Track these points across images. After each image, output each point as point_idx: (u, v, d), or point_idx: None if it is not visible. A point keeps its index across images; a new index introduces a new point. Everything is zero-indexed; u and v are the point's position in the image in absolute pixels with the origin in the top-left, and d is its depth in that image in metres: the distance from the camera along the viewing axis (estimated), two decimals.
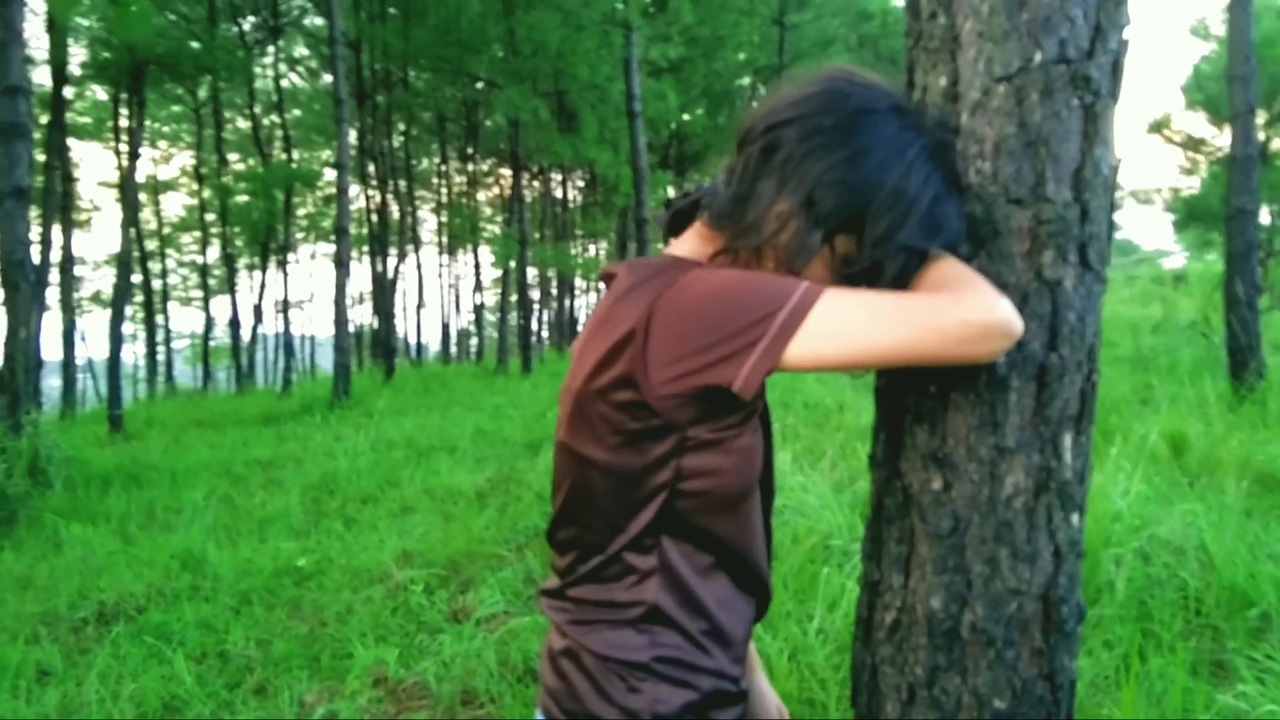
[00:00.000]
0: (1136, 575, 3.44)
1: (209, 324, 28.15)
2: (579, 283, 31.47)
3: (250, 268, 31.46)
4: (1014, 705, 1.10)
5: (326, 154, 28.74)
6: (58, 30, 12.16)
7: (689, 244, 1.16)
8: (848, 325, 0.94)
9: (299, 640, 3.87)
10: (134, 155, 13.38)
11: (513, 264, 17.81)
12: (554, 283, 28.98)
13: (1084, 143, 1.05)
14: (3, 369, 7.00)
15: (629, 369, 1.00)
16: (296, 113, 27.29)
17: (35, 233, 14.45)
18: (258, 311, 26.10)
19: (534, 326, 25.92)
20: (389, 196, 21.66)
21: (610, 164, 14.75)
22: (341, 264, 12.04)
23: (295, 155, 26.34)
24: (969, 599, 1.10)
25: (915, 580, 1.13)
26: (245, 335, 26.13)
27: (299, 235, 34.48)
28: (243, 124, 26.84)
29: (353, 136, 20.10)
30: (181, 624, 4.01)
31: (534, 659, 3.40)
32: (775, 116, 1.05)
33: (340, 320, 12.06)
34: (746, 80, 22.93)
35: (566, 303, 30.44)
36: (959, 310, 0.93)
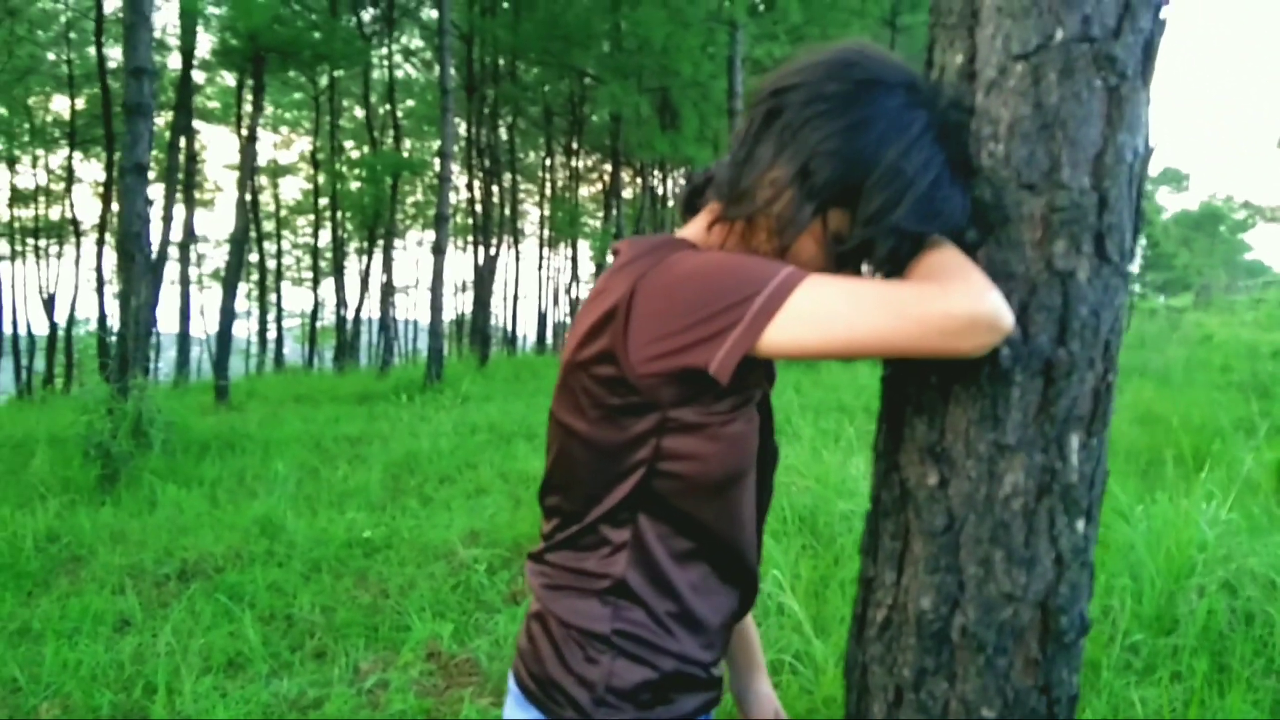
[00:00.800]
0: (1218, 607, 3.25)
1: (317, 304, 29.21)
2: None
3: (359, 252, 32.47)
4: (1005, 716, 1.04)
5: (436, 144, 29.43)
6: (187, 16, 12.77)
7: (698, 223, 1.14)
8: (827, 311, 0.91)
9: (361, 609, 3.98)
10: (251, 139, 13.95)
11: (609, 259, 17.89)
12: None
13: (1106, 127, 0.99)
14: (116, 335, 7.39)
15: (610, 345, 0.99)
16: (410, 103, 28.04)
17: (158, 210, 15.22)
18: (362, 294, 26.92)
19: None
20: (494, 188, 22.05)
21: (710, 162, 14.64)
22: (439, 251, 12.33)
23: (407, 144, 27.10)
24: (961, 601, 1.05)
25: (908, 578, 1.09)
26: (350, 317, 26.99)
27: (406, 222, 35.43)
28: (359, 113, 27.71)
29: (461, 128, 20.58)
30: (254, 586, 4.17)
31: None
32: (782, 82, 1.02)
33: (435, 305, 12.35)
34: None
35: None
36: (944, 301, 0.89)
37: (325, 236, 29.92)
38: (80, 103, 23.02)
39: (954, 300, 0.88)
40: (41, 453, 7.35)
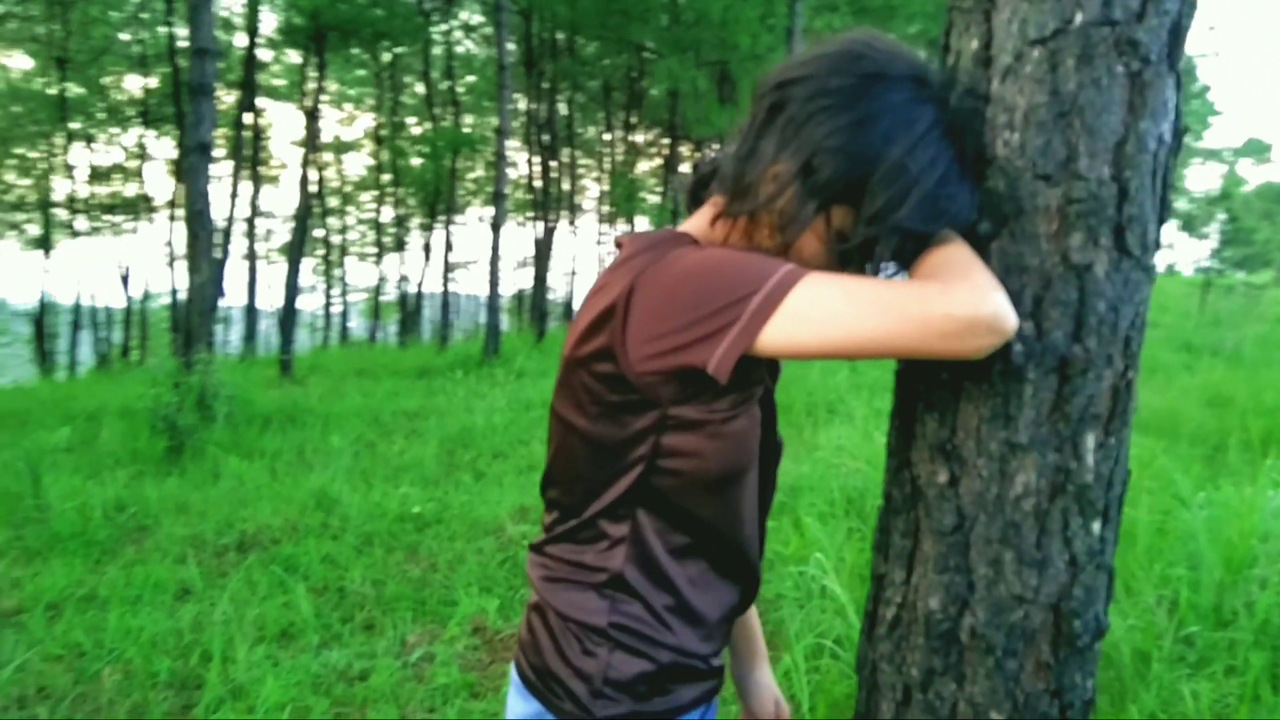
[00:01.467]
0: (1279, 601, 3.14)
1: (381, 279, 29.68)
2: None
3: (422, 227, 32.90)
4: (1014, 719, 1.02)
5: (496, 120, 29.59)
6: None
7: (701, 216, 1.12)
8: (826, 311, 0.89)
9: (410, 583, 4.06)
10: (313, 116, 14.16)
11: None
12: None
13: (1128, 115, 0.95)
14: (181, 311, 7.60)
15: (609, 342, 0.98)
16: (470, 79, 28.17)
17: (226, 186, 15.54)
18: (425, 269, 27.29)
19: None
20: (552, 163, 22.10)
21: None
22: (496, 227, 12.42)
23: (468, 120, 27.27)
24: (970, 602, 1.03)
25: (917, 577, 1.07)
26: (412, 291, 27.39)
27: (466, 198, 35.74)
28: (420, 89, 27.95)
29: (521, 103, 20.62)
30: (308, 558, 4.27)
31: None
32: (786, 74, 1.00)
33: (493, 281, 12.45)
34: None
35: None
36: (944, 302, 0.86)
37: (389, 212, 30.35)
38: (153, 81, 23.59)
39: (955, 301, 0.86)
40: (112, 424, 7.63)
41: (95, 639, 3.45)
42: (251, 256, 18.03)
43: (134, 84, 24.70)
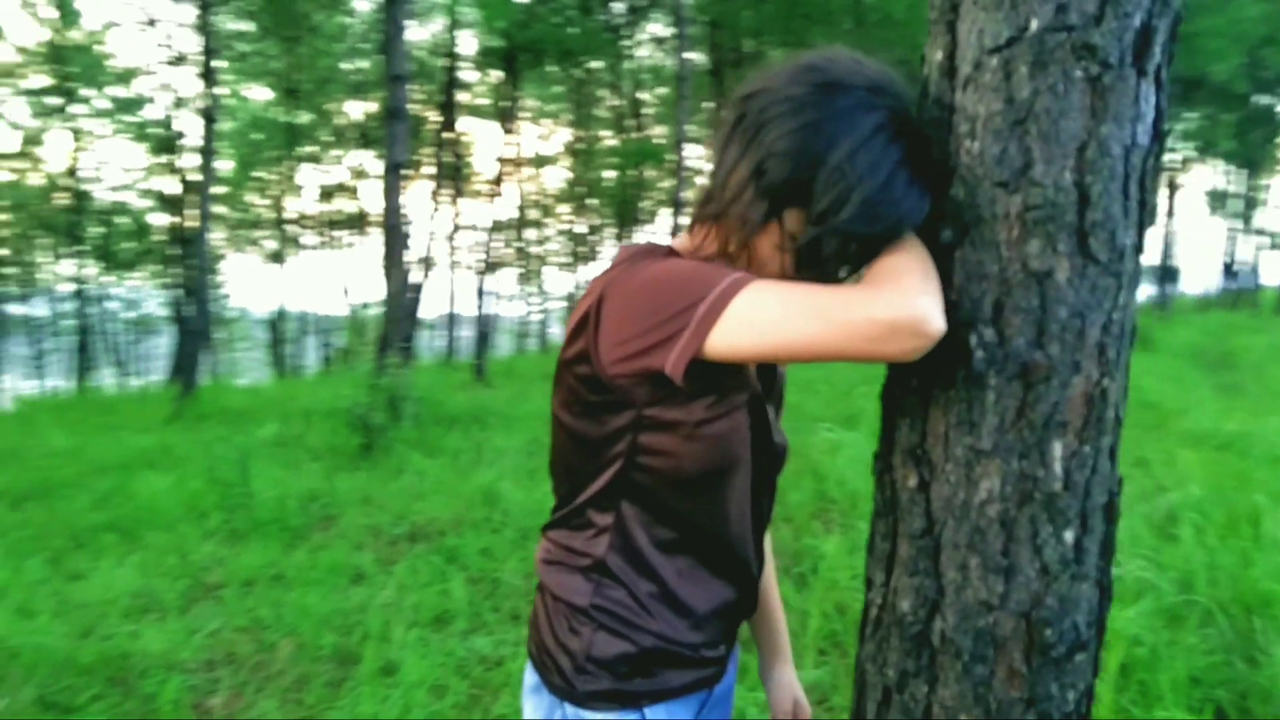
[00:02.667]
0: None
1: (578, 287, 30.69)
2: None
3: (616, 237, 33.77)
4: None
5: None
6: (451, 21, 13.79)
7: (686, 231, 1.19)
8: (763, 317, 0.94)
9: None
10: (510, 132, 14.90)
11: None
12: None
13: (1090, 120, 0.94)
14: (378, 319, 8.24)
15: (585, 346, 1.06)
16: (661, 90, 28.68)
17: (427, 201, 16.59)
18: None
19: None
20: None
21: None
22: (675, 235, 12.59)
23: (659, 131, 27.78)
24: (941, 605, 1.04)
25: (895, 579, 1.09)
26: None
27: (655, 206, 36.37)
28: (613, 101, 28.73)
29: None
30: (468, 549, 4.56)
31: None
32: (749, 88, 1.06)
33: None
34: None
35: None
36: (869, 307, 0.89)
37: (585, 223, 31.36)
38: (371, 106, 25.55)
39: (878, 306, 0.89)
40: (318, 422, 8.37)
41: (277, 614, 3.84)
42: (452, 267, 19.15)
43: (354, 110, 26.81)
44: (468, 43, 18.06)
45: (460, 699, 3.05)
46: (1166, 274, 17.85)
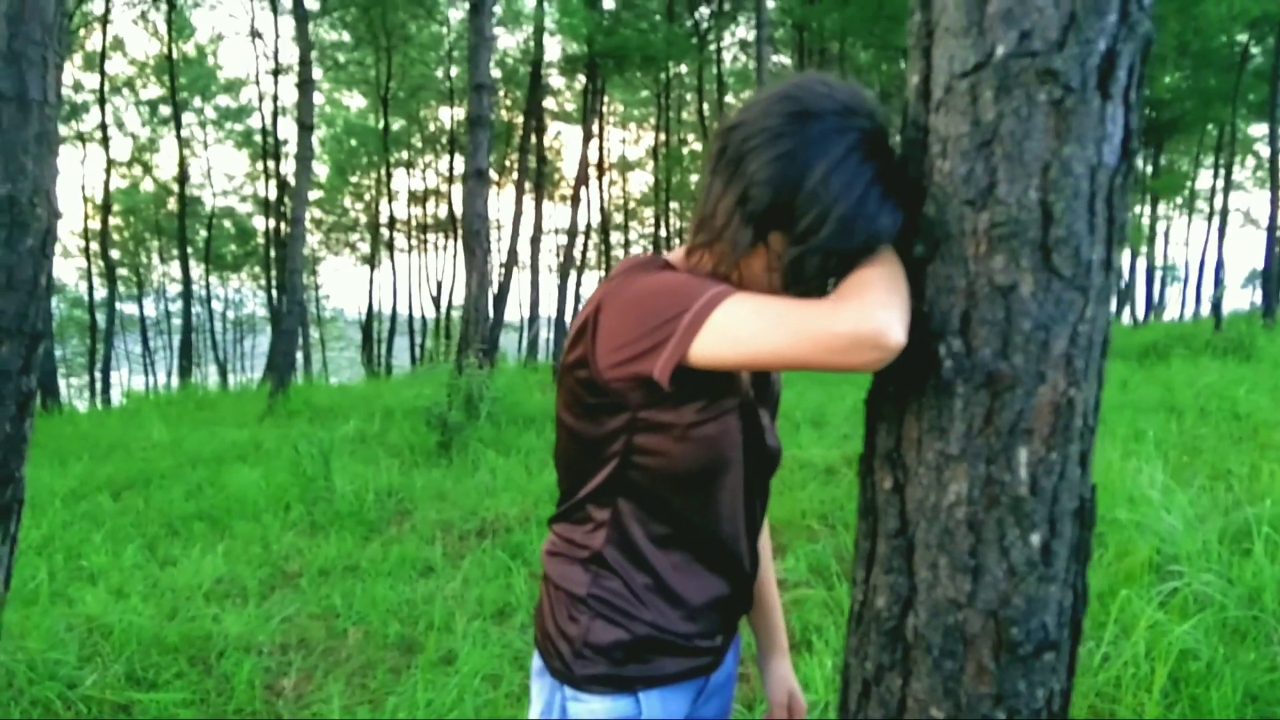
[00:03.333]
0: None
1: None
2: None
3: None
4: (955, 718, 1.07)
5: None
6: (536, 30, 14.07)
7: (682, 247, 1.27)
8: (740, 329, 1.01)
9: None
10: (590, 137, 15.12)
11: None
12: None
13: (1052, 141, 0.98)
14: (458, 321, 8.48)
15: (584, 352, 1.15)
16: (747, 94, 28.64)
17: (511, 205, 16.92)
18: None
19: None
20: None
21: None
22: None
23: None
24: (914, 603, 1.09)
25: (874, 577, 1.14)
26: None
27: None
28: (700, 105, 28.81)
29: None
30: (533, 546, 4.69)
31: (811, 630, 3.51)
32: (731, 120, 1.13)
33: None
34: (1242, 36, 19.61)
35: None
36: (831, 321, 0.96)
37: (668, 227, 31.51)
38: (460, 113, 26.19)
39: (840, 319, 0.95)
40: (400, 420, 8.65)
41: (348, 603, 4.03)
42: (534, 270, 19.51)
43: (444, 116, 27.47)
44: (553, 49, 18.36)
45: (513, 689, 3.16)
46: (1269, 280, 16.98)
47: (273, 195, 23.27)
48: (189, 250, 26.82)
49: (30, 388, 3.04)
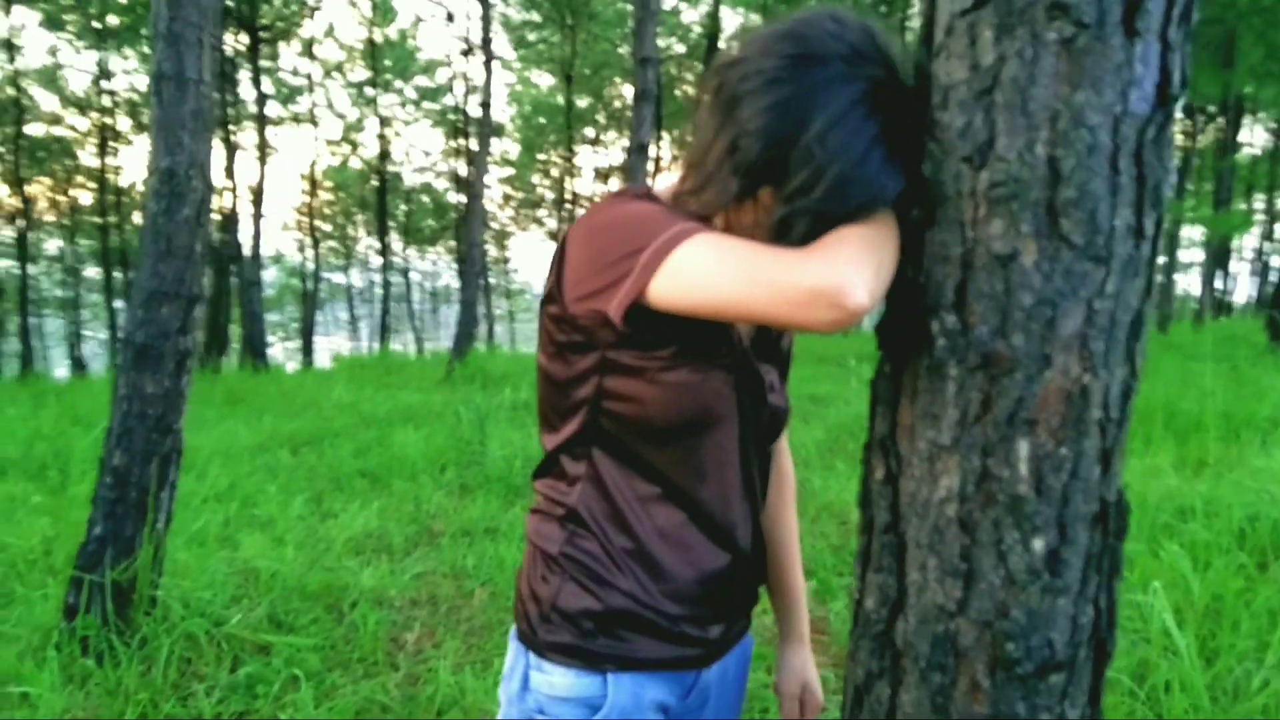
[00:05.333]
0: None
1: None
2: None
3: None
4: None
5: None
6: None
7: (672, 176, 1.17)
8: (698, 271, 0.93)
9: None
10: None
11: None
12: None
13: (1062, 87, 0.84)
14: None
15: (554, 284, 1.08)
16: None
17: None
18: None
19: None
20: None
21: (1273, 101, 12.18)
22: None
23: None
24: (904, 606, 0.98)
25: (868, 575, 1.04)
26: None
27: None
28: None
29: None
30: None
31: None
32: (728, 56, 1.03)
33: None
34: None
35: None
36: (796, 272, 0.86)
37: None
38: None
39: (804, 272, 0.86)
40: None
41: (480, 563, 4.16)
42: None
43: (628, 92, 27.75)
44: (733, 20, 18.15)
45: None
46: None
47: (464, 171, 24.31)
48: (390, 224, 28.47)
49: (188, 347, 3.29)
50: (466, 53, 21.00)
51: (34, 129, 24.21)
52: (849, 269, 0.85)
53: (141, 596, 3.19)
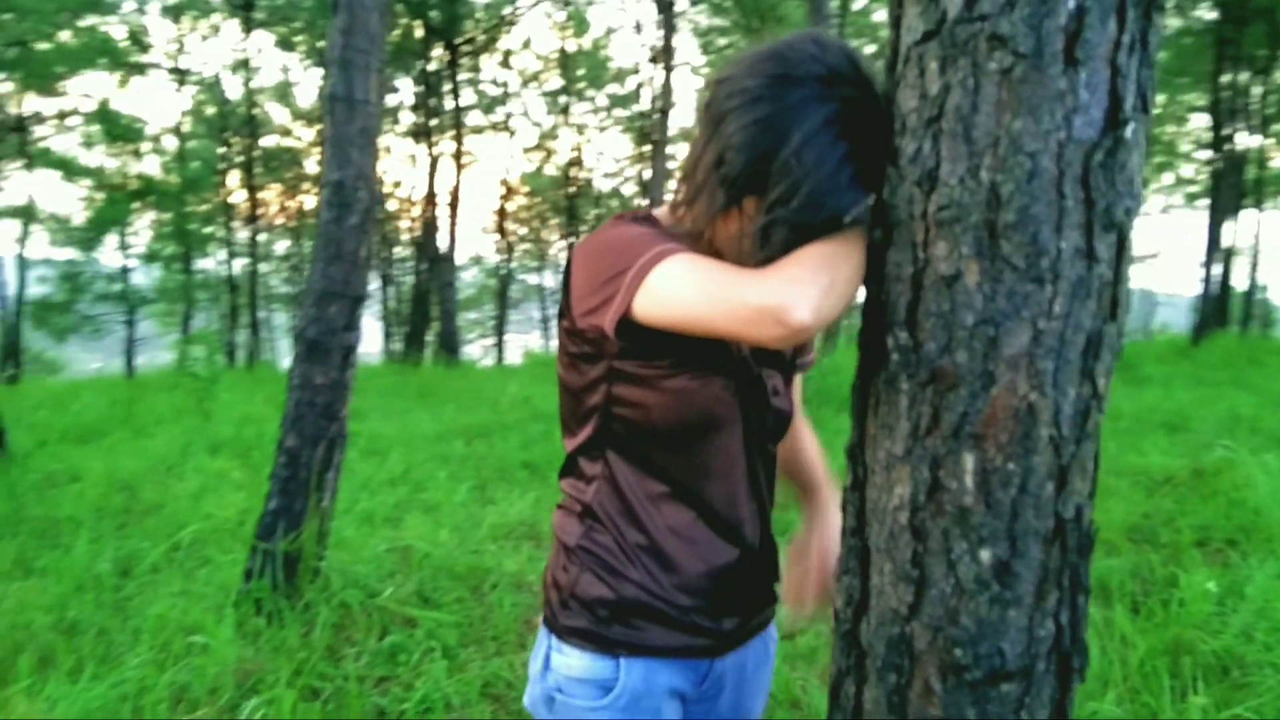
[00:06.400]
0: None
1: None
2: None
3: None
4: None
5: (1188, 97, 26.08)
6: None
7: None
8: (671, 290, 1.01)
9: None
10: None
11: None
12: None
13: (1003, 115, 0.87)
14: None
15: (564, 300, 1.19)
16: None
17: None
18: None
19: None
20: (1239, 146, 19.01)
21: None
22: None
23: (1158, 99, 24.63)
24: (867, 608, 1.03)
25: (841, 577, 1.09)
26: None
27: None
28: None
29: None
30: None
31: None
32: (719, 74, 1.11)
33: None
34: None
35: None
36: (748, 292, 0.94)
37: None
38: None
39: (755, 291, 0.93)
40: None
41: None
42: None
43: None
44: None
45: None
46: None
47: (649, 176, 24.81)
48: (580, 228, 29.38)
49: (352, 342, 3.63)
50: (654, 60, 21.45)
51: (267, 140, 26.69)
52: (794, 289, 0.92)
53: (307, 566, 3.54)
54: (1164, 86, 26.81)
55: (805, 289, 0.92)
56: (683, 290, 1.00)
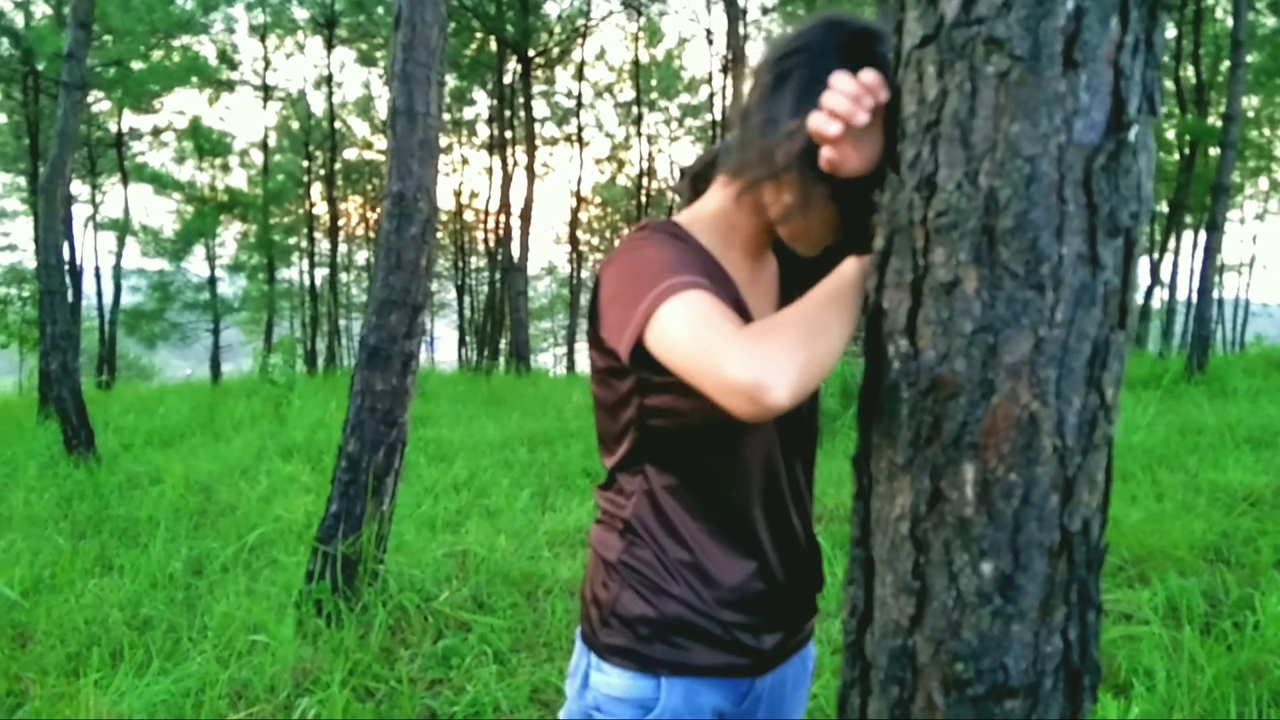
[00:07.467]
0: None
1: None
2: None
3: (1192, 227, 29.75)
4: None
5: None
6: None
7: (702, 203, 1.25)
8: (672, 335, 1.01)
9: None
10: None
11: None
12: None
13: (1000, 120, 0.86)
14: None
15: (593, 316, 1.20)
16: (1251, 57, 24.44)
17: None
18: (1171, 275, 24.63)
19: None
20: None
21: None
22: (1214, 227, 10.82)
23: (1252, 101, 23.77)
24: (870, 620, 1.02)
25: (849, 588, 1.08)
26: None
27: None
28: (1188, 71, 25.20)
29: None
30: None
31: (1138, 672, 3.10)
32: (785, 48, 1.11)
33: (1203, 289, 10.91)
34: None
35: None
36: (729, 362, 0.92)
37: None
38: None
39: (734, 363, 0.92)
40: None
41: None
42: None
43: None
44: None
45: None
46: None
47: None
48: None
49: (411, 350, 3.71)
50: (725, 69, 21.42)
51: (349, 154, 27.42)
52: (771, 370, 0.90)
53: (365, 569, 3.62)
54: (1260, 88, 25.84)
55: (785, 367, 0.91)
56: (677, 339, 1.00)
